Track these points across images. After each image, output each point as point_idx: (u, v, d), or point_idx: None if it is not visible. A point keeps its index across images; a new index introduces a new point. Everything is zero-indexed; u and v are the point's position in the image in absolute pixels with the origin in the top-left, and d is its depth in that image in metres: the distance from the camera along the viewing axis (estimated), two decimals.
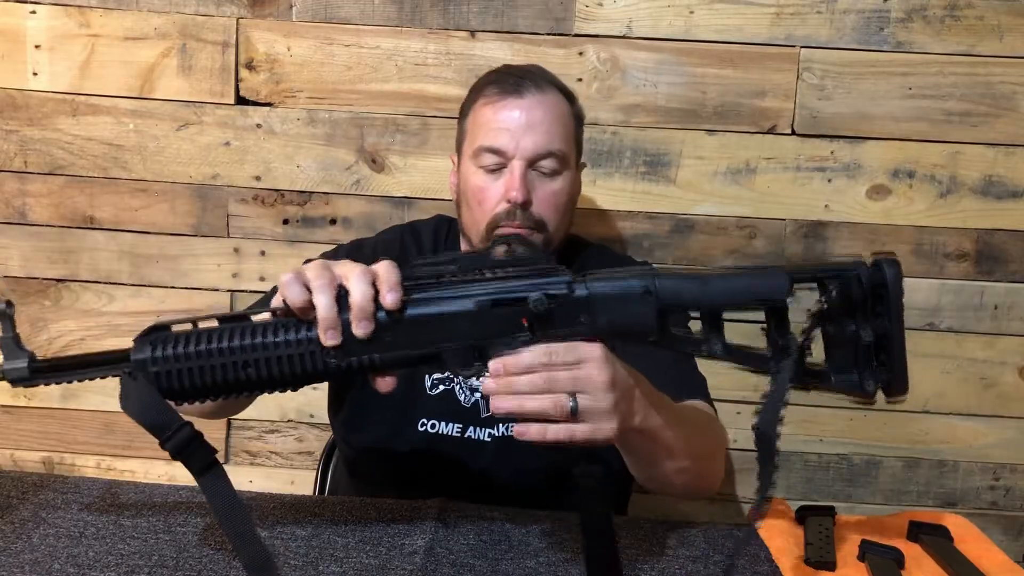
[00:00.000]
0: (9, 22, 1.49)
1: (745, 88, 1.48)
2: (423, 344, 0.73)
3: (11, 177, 1.53)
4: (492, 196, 1.12)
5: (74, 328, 1.57)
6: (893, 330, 0.74)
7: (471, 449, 1.12)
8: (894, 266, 0.74)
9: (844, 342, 0.75)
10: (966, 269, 1.53)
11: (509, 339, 0.73)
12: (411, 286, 0.74)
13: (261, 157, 1.52)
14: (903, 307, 0.74)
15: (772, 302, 0.74)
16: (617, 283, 0.74)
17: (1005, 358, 1.55)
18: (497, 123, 1.12)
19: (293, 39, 1.48)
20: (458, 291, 0.73)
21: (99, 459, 1.60)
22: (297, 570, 0.80)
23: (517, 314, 0.73)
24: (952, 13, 1.45)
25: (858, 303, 0.74)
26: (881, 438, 1.57)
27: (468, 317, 0.73)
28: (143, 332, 0.73)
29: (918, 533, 0.94)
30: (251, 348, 0.71)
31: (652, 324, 0.73)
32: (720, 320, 0.75)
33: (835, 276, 0.74)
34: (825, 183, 1.50)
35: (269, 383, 0.73)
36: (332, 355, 0.72)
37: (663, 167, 1.51)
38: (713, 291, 0.74)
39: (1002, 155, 1.49)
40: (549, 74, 1.19)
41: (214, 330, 0.72)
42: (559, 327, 0.73)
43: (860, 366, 0.75)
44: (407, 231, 1.27)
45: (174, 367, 0.71)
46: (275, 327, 0.72)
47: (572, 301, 0.73)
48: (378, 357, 0.73)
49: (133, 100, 1.51)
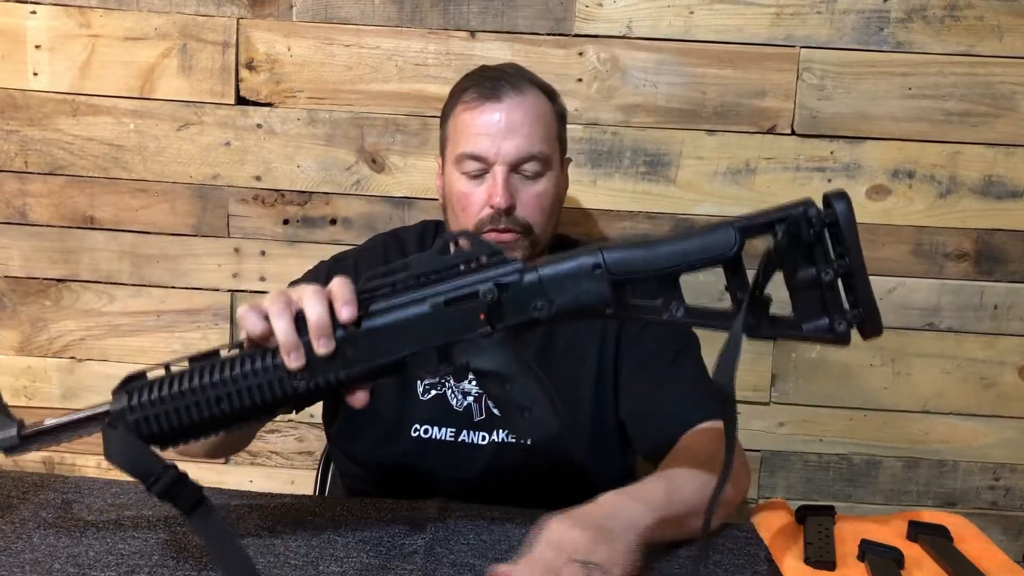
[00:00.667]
0: (9, 22, 1.49)
1: (745, 88, 1.48)
2: (385, 354, 0.74)
3: (11, 177, 1.53)
4: (476, 202, 1.11)
5: (74, 328, 1.57)
6: (855, 266, 0.72)
7: (465, 453, 1.12)
8: (843, 200, 0.72)
9: (807, 288, 0.74)
10: (966, 269, 1.53)
11: (470, 336, 0.74)
12: (366, 298, 0.75)
13: (261, 157, 1.52)
14: (859, 241, 0.72)
15: (724, 258, 0.74)
16: (566, 263, 0.75)
17: (1005, 358, 1.55)
18: (476, 128, 1.11)
19: (293, 39, 1.49)
20: (412, 296, 0.75)
21: (99, 459, 1.60)
22: (297, 570, 0.80)
23: (473, 310, 0.74)
24: (952, 13, 1.45)
25: (813, 244, 0.73)
26: (881, 438, 1.57)
27: (425, 320, 0.74)
28: (120, 383, 0.75)
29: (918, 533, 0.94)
30: (221, 383, 0.73)
31: (607, 297, 0.74)
32: (676, 283, 0.75)
33: (784, 220, 0.72)
34: (825, 183, 1.50)
35: (243, 414, 0.75)
36: (299, 378, 0.74)
37: (663, 167, 1.51)
38: (662, 256, 0.74)
39: (1002, 155, 1.49)
40: (527, 72, 1.17)
41: (185, 371, 0.74)
42: (515, 315, 0.74)
43: (829, 310, 0.74)
44: (390, 239, 1.26)
45: (151, 412, 0.73)
46: (242, 359, 0.74)
47: (524, 288, 0.74)
48: (344, 373, 0.74)
49: (133, 100, 1.51)
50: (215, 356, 0.75)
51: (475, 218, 1.11)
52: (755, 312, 0.74)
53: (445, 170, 1.17)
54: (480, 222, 1.11)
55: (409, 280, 0.75)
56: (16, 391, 1.58)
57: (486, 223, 1.10)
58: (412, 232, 1.27)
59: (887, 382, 1.55)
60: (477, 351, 0.75)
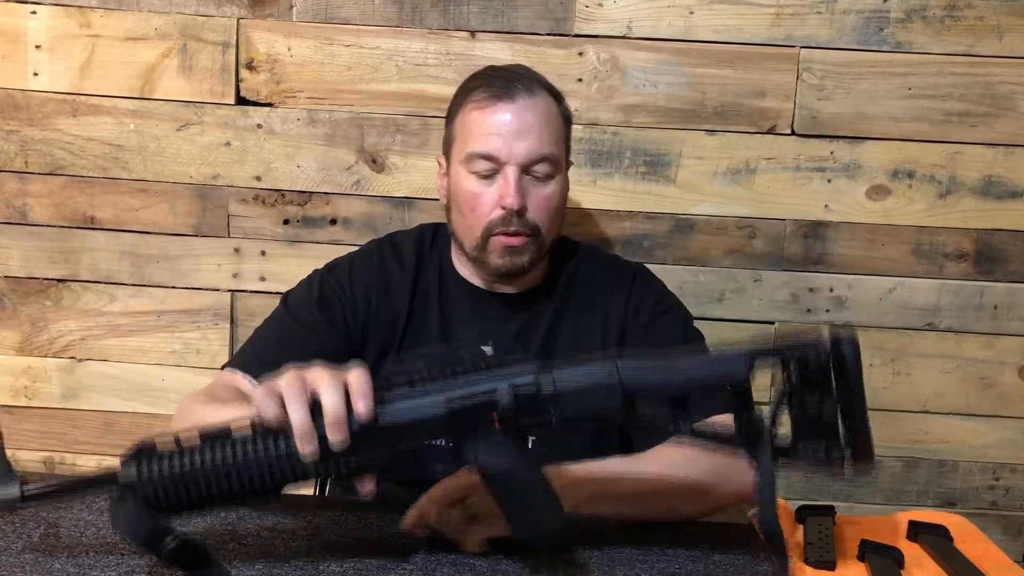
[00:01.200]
0: (9, 22, 1.49)
1: (745, 88, 1.48)
2: (398, 446, 0.75)
3: (11, 177, 1.53)
4: (486, 202, 1.11)
5: (74, 328, 1.57)
6: (855, 402, 0.76)
7: None
8: (852, 341, 0.76)
9: (808, 417, 0.76)
10: (966, 269, 1.53)
11: (481, 435, 0.75)
12: (382, 387, 0.76)
13: (261, 157, 1.52)
14: (863, 380, 0.76)
15: (733, 384, 0.76)
16: (582, 373, 0.76)
17: (1005, 358, 1.55)
18: (488, 128, 1.10)
19: (293, 39, 1.49)
20: (428, 390, 0.75)
21: (100, 459, 1.60)
22: (297, 570, 0.80)
23: (487, 410, 0.75)
24: (952, 13, 1.45)
25: (818, 379, 0.76)
26: (881, 438, 1.57)
27: (440, 417, 0.75)
28: (128, 452, 0.75)
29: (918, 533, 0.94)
30: (233, 461, 0.74)
31: (618, 410, 0.76)
32: (686, 401, 0.77)
33: (794, 354, 0.75)
34: (825, 183, 1.50)
35: (252, 492, 0.75)
36: (310, 462, 0.74)
37: (663, 167, 1.51)
38: (675, 375, 0.76)
39: (1002, 155, 1.49)
40: (536, 73, 1.17)
41: (196, 446, 0.75)
42: (527, 419, 0.76)
43: (826, 440, 0.77)
44: (386, 244, 1.24)
45: (160, 485, 0.73)
46: (254, 439, 0.74)
47: (539, 392, 0.75)
48: (355, 462, 0.75)
49: (134, 100, 1.51)
50: (227, 433, 0.76)
51: (485, 219, 1.11)
52: (755, 436, 0.77)
53: (451, 169, 1.16)
54: (491, 223, 1.11)
55: (425, 373, 0.76)
56: (16, 391, 1.58)
57: (496, 224, 1.10)
58: (410, 236, 1.26)
59: (887, 382, 1.55)
60: (487, 449, 0.76)
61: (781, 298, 1.53)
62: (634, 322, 1.17)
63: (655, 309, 1.18)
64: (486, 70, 1.19)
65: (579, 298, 1.20)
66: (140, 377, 1.57)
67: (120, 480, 0.74)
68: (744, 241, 1.52)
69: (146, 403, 1.58)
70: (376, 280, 1.18)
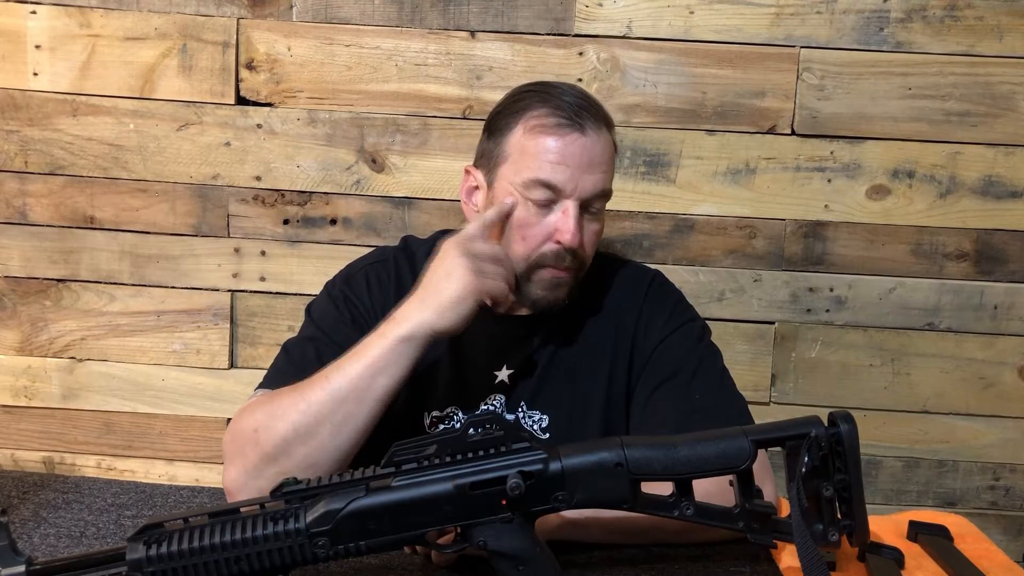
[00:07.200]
0: (9, 22, 1.49)
1: (745, 88, 1.48)
2: (407, 528, 0.76)
3: (11, 177, 1.53)
4: (539, 233, 1.05)
5: (75, 328, 1.57)
6: (852, 483, 0.78)
7: None
8: (849, 422, 0.78)
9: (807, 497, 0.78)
10: (966, 269, 1.53)
11: (490, 519, 0.77)
12: (393, 472, 0.77)
13: (261, 157, 1.52)
14: (860, 462, 0.78)
15: (736, 468, 0.78)
16: (590, 458, 0.78)
17: (1004, 358, 1.55)
18: (555, 156, 1.03)
19: (293, 39, 1.49)
20: (438, 475, 0.76)
21: (99, 459, 1.60)
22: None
23: (496, 494, 0.76)
24: (952, 13, 1.45)
25: (818, 463, 0.78)
26: (881, 438, 1.57)
27: (449, 500, 0.76)
28: (136, 532, 0.75)
29: (918, 533, 0.94)
30: (241, 543, 0.74)
31: (625, 494, 0.78)
32: (690, 485, 0.79)
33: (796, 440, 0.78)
34: (825, 183, 1.50)
35: (261, 573, 0.75)
36: (320, 544, 0.75)
37: (663, 167, 1.51)
38: (680, 460, 0.78)
39: (1001, 155, 1.49)
40: (592, 98, 1.11)
41: (205, 526, 0.75)
42: (536, 504, 0.77)
43: (824, 519, 0.79)
44: (400, 253, 1.19)
45: (168, 566, 0.74)
46: (263, 520, 0.75)
47: (548, 479, 0.77)
48: (365, 544, 0.76)
49: (133, 100, 1.51)
50: (236, 513, 0.76)
51: (534, 250, 1.06)
52: (759, 518, 0.79)
53: (497, 187, 1.09)
54: (542, 256, 1.06)
55: (436, 456, 0.77)
56: (16, 391, 1.58)
57: (548, 259, 1.06)
58: (424, 246, 1.18)
59: (887, 382, 1.55)
60: (495, 532, 0.77)
61: (781, 298, 1.53)
62: (644, 339, 1.13)
63: (665, 327, 1.13)
64: (539, 87, 1.11)
65: (592, 309, 1.16)
66: (140, 377, 1.57)
67: (127, 558, 0.74)
68: (744, 241, 1.52)
69: (146, 403, 1.58)
70: (393, 293, 1.13)
